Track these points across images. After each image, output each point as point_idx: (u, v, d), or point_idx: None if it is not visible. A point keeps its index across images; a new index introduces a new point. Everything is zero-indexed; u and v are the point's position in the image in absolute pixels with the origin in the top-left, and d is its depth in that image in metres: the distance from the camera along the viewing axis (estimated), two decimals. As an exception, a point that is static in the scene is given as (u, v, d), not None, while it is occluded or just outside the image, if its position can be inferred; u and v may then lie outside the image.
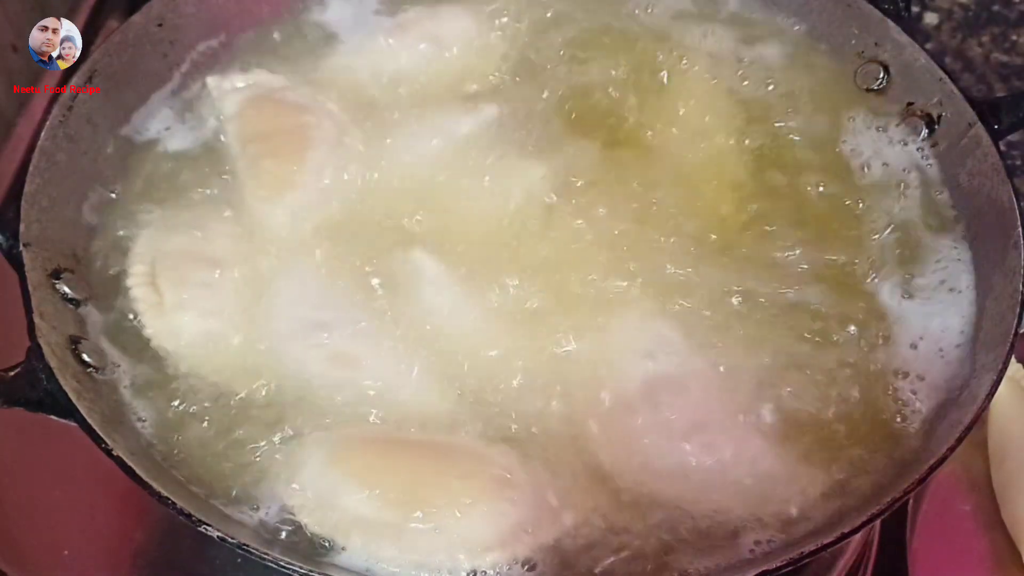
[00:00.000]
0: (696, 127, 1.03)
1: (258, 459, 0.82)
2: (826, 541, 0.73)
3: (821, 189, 0.99)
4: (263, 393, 0.86)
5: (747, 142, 1.02)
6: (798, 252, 0.94)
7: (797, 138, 1.02)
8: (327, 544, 0.77)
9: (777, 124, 1.04)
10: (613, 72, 1.06)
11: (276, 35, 1.09)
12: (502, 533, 0.77)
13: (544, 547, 0.77)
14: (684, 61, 1.07)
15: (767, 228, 0.96)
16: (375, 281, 0.92)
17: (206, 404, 0.85)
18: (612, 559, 0.78)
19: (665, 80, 1.06)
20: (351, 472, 0.80)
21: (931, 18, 1.55)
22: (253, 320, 0.89)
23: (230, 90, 1.03)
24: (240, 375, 0.86)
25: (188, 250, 0.91)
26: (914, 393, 0.87)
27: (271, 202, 0.95)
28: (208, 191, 0.97)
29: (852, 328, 0.90)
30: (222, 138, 1.00)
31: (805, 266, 0.93)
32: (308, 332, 0.88)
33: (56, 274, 0.87)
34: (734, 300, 0.91)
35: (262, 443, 0.83)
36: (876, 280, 0.93)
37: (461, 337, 0.88)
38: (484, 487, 0.78)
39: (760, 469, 0.82)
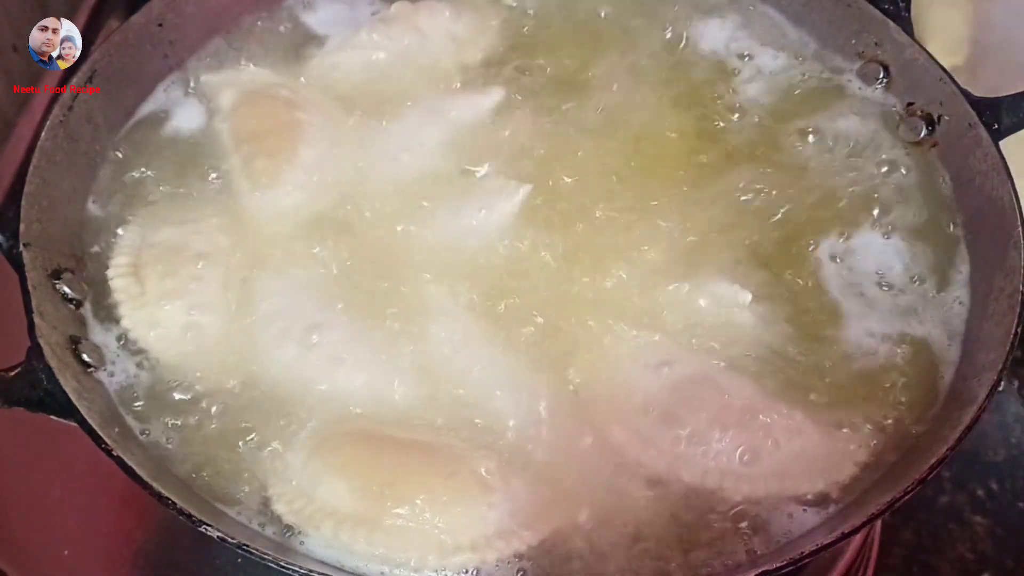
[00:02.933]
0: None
1: (244, 452, 0.83)
2: (826, 541, 0.73)
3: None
4: (251, 388, 0.86)
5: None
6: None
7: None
8: (295, 533, 0.78)
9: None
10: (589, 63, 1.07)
11: (272, 34, 1.09)
12: (475, 537, 0.77)
13: (517, 554, 0.77)
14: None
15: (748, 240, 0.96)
16: (368, 282, 0.92)
17: (193, 399, 0.85)
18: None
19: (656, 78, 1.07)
20: (333, 464, 0.80)
21: (931, 18, 1.55)
22: (242, 316, 0.89)
23: (225, 87, 1.03)
24: (227, 370, 0.86)
25: (177, 243, 0.91)
26: (913, 391, 0.87)
27: (262, 199, 0.95)
28: (202, 187, 0.97)
29: (850, 323, 0.90)
30: (217, 135, 1.01)
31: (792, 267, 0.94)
32: (298, 330, 0.88)
33: (56, 274, 0.87)
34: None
35: (249, 436, 0.83)
36: (875, 280, 0.93)
37: (454, 347, 0.88)
38: (464, 488, 0.78)
39: (808, 444, 0.83)
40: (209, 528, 0.72)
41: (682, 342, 0.88)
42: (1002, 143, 0.92)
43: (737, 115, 1.04)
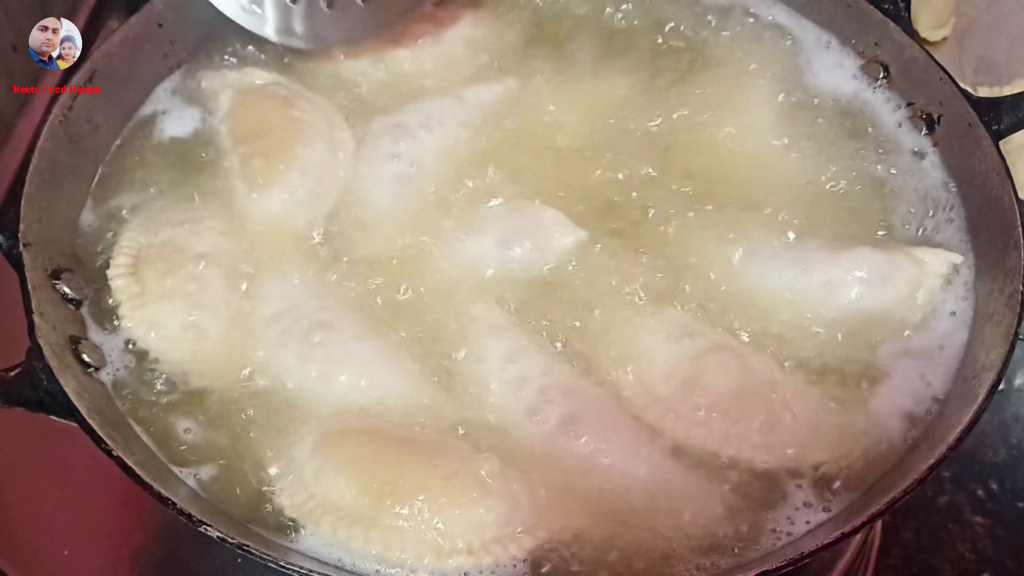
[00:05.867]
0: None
1: (245, 450, 0.83)
2: (826, 541, 0.73)
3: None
4: (253, 387, 0.86)
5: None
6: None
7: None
8: (295, 527, 0.78)
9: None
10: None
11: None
12: (471, 540, 0.76)
13: (514, 559, 0.77)
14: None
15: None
16: (372, 283, 0.92)
17: (194, 398, 0.85)
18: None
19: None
20: (335, 460, 0.80)
21: (931, 18, 1.55)
22: (243, 316, 0.89)
23: (224, 88, 1.03)
24: (229, 369, 0.87)
25: (176, 244, 0.91)
26: (914, 391, 0.86)
27: (260, 200, 0.95)
28: (202, 188, 0.97)
29: (852, 321, 0.90)
30: (216, 135, 1.01)
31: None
32: (301, 330, 0.87)
33: (56, 274, 0.87)
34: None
35: (251, 435, 0.83)
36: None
37: (460, 347, 0.88)
38: (463, 490, 0.77)
39: (824, 419, 0.84)
40: (209, 528, 0.72)
41: (703, 317, 0.89)
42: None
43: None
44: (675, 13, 1.11)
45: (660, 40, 1.09)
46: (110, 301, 0.89)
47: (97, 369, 0.85)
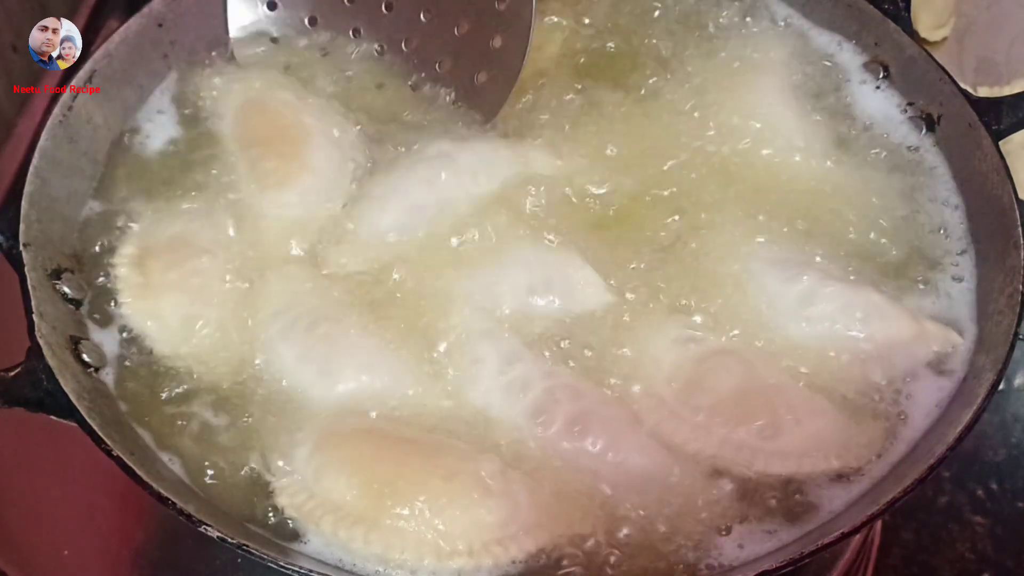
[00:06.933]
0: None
1: (245, 448, 0.83)
2: (826, 541, 0.73)
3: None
4: (254, 382, 0.86)
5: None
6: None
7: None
8: (295, 527, 0.78)
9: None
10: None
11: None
12: (472, 541, 0.76)
13: (514, 560, 0.77)
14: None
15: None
16: (376, 284, 0.92)
17: (194, 395, 0.85)
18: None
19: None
20: (336, 460, 0.80)
21: (931, 18, 1.55)
22: (245, 311, 0.89)
23: (230, 90, 1.03)
24: (230, 364, 0.87)
25: (180, 238, 0.92)
26: (915, 391, 0.86)
27: (271, 199, 0.95)
28: (205, 187, 0.97)
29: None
30: (221, 136, 1.01)
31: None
32: (302, 326, 0.87)
33: (56, 274, 0.87)
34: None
35: (251, 432, 0.83)
36: (875, 279, 0.93)
37: (464, 345, 0.88)
38: (463, 491, 0.77)
39: (829, 426, 0.84)
40: (209, 528, 0.72)
41: (712, 325, 0.89)
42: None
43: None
44: (680, 24, 1.11)
45: (671, 53, 1.09)
46: (111, 297, 0.89)
47: (97, 369, 0.85)
